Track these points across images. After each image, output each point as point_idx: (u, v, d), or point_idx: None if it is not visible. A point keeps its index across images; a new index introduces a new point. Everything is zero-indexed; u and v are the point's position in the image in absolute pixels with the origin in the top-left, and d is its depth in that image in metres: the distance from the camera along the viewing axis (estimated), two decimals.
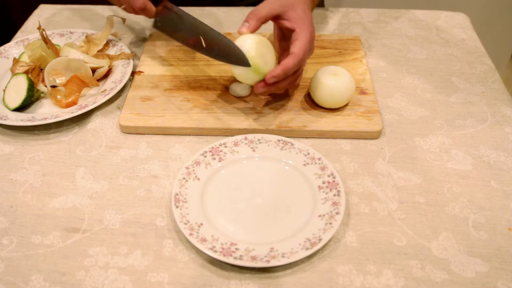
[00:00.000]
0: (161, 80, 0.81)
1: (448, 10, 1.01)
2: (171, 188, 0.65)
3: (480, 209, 0.62)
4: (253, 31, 0.67)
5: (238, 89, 0.76)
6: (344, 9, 1.01)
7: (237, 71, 0.67)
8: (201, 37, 0.70)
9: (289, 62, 0.65)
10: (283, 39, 0.74)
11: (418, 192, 0.65)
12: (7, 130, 0.74)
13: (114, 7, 1.01)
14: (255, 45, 0.65)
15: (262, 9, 0.68)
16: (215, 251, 0.55)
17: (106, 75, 0.81)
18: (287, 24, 0.69)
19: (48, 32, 0.87)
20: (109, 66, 0.81)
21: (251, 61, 0.65)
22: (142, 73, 0.82)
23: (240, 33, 0.67)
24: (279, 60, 0.73)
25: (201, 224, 0.59)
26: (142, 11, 0.75)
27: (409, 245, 0.58)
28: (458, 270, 0.56)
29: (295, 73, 0.70)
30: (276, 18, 0.70)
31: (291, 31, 0.69)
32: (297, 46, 0.66)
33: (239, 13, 1.00)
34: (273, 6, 0.68)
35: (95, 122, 0.75)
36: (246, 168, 0.67)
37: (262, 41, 0.67)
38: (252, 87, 0.76)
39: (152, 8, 0.76)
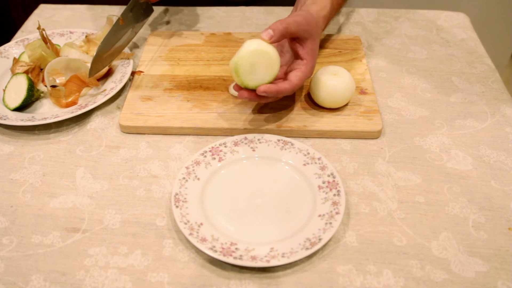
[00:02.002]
0: (161, 80, 0.81)
1: (448, 10, 1.01)
2: (171, 188, 0.65)
3: (480, 209, 0.62)
4: (274, 42, 0.65)
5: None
6: (344, 9, 1.01)
7: (230, 62, 0.66)
8: None
9: (285, 87, 0.66)
10: (281, 50, 0.73)
11: (418, 192, 0.65)
12: (7, 130, 0.74)
13: (114, 7, 1.01)
14: (251, 51, 0.64)
15: (292, 26, 0.66)
16: (215, 251, 0.55)
17: (106, 75, 0.81)
18: (300, 50, 0.69)
19: (48, 32, 0.87)
20: (109, 66, 0.81)
21: (232, 65, 0.65)
22: (142, 73, 0.82)
23: (260, 38, 0.65)
24: None
25: (201, 224, 0.59)
26: None
27: (409, 245, 0.58)
28: (458, 270, 0.56)
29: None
30: (293, 39, 0.69)
31: (299, 57, 0.69)
32: (298, 77, 0.68)
33: (239, 13, 1.00)
34: (301, 28, 0.67)
35: (95, 122, 0.75)
36: (246, 168, 0.67)
37: (264, 53, 0.64)
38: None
39: None
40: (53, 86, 0.76)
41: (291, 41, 0.70)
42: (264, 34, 0.65)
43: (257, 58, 0.64)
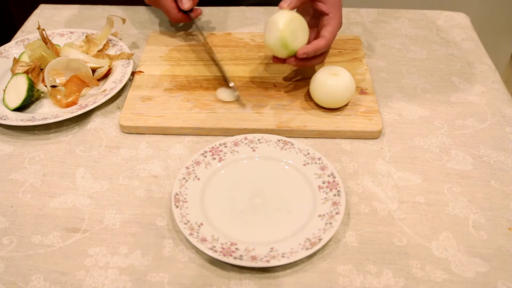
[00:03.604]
0: (161, 80, 0.81)
1: (448, 10, 1.01)
2: (171, 188, 0.65)
3: (480, 209, 0.62)
4: (293, 8, 0.70)
5: (225, 95, 0.75)
6: (344, 9, 1.01)
7: (269, 42, 0.70)
8: None
9: (320, 43, 0.70)
10: (312, 17, 0.76)
11: (418, 192, 0.65)
12: (7, 130, 0.74)
13: (114, 7, 1.01)
14: (286, 21, 0.68)
15: None
16: (215, 251, 0.55)
17: (106, 75, 0.81)
18: (322, 7, 0.72)
19: (48, 32, 0.87)
20: (109, 66, 0.81)
21: (278, 35, 0.68)
22: (142, 73, 0.82)
23: (280, 8, 0.70)
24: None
25: (201, 224, 0.59)
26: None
27: (409, 245, 0.58)
28: (458, 270, 0.56)
29: (323, 53, 0.74)
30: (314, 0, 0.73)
31: (323, 13, 0.72)
32: (329, 31, 0.71)
33: (239, 13, 1.00)
34: None
35: (95, 122, 0.75)
36: (246, 168, 0.67)
37: (295, 18, 0.69)
38: (238, 92, 0.76)
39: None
40: (53, 86, 0.76)
41: (312, 3, 0.73)
42: (282, 3, 0.69)
43: (293, 25, 0.69)
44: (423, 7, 1.03)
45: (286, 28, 0.68)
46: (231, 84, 0.76)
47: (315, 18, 0.76)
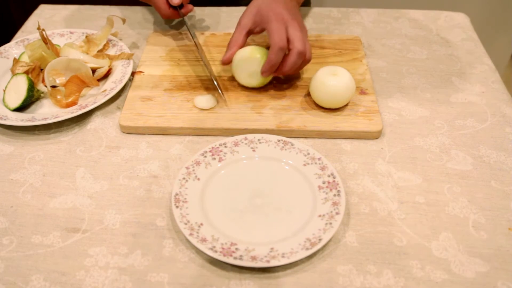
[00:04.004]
0: (161, 80, 0.81)
1: (448, 10, 1.01)
2: (171, 188, 0.65)
3: (480, 209, 0.62)
4: (233, 54, 0.76)
5: (203, 102, 0.75)
6: (344, 9, 1.01)
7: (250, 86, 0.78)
8: None
9: (270, 54, 0.72)
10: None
11: (418, 192, 0.65)
12: (7, 130, 0.74)
13: (114, 7, 1.01)
14: (237, 71, 0.76)
15: (235, 34, 0.77)
16: (215, 251, 0.55)
17: (106, 75, 0.81)
18: (257, 30, 0.77)
19: (48, 32, 0.87)
20: (109, 66, 0.81)
21: (244, 84, 0.77)
22: (142, 73, 0.82)
23: (224, 64, 0.77)
24: None
25: (201, 224, 0.59)
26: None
27: (409, 245, 0.58)
28: (458, 270, 0.56)
29: (287, 57, 0.72)
30: (250, 32, 0.78)
31: (264, 30, 0.77)
32: (271, 39, 0.72)
33: (239, 13, 0.99)
34: (243, 25, 0.76)
35: (95, 122, 0.75)
36: (246, 168, 0.67)
37: (243, 58, 0.75)
38: (218, 99, 0.76)
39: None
40: (53, 86, 0.76)
41: (254, 34, 0.78)
42: (224, 59, 0.76)
43: (244, 67, 0.75)
44: (423, 7, 1.03)
45: (241, 75, 0.76)
46: (215, 83, 0.77)
47: None
